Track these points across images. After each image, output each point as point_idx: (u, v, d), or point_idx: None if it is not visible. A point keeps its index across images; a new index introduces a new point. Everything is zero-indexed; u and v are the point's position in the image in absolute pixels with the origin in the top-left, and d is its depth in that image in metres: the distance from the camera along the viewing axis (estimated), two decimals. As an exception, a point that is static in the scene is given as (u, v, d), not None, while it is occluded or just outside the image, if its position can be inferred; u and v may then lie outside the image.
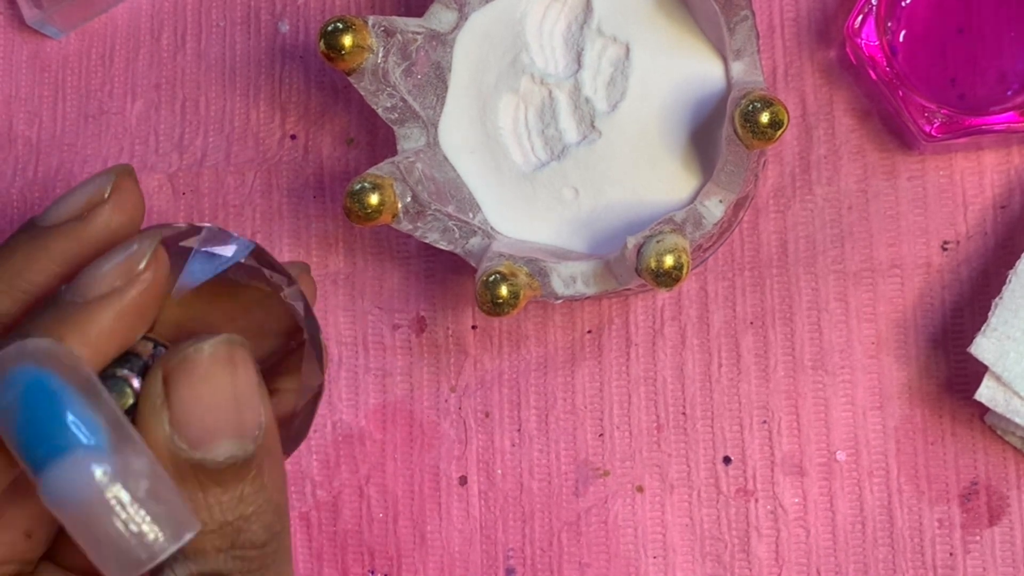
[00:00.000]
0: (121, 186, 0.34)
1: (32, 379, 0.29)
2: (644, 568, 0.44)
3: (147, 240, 0.32)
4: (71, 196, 0.34)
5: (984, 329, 0.40)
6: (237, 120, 0.49)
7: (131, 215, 0.34)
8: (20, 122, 0.50)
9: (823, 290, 0.45)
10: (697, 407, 0.45)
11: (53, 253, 0.33)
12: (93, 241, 0.33)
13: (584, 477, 0.45)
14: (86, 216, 0.33)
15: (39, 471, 0.28)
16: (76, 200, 0.34)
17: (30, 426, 0.29)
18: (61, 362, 0.30)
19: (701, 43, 0.43)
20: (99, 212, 0.33)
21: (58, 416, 0.29)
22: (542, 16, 0.44)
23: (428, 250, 0.47)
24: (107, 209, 0.33)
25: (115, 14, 0.50)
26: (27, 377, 0.29)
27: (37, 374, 0.29)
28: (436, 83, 0.44)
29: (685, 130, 0.42)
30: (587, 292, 0.41)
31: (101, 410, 0.29)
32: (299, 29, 0.49)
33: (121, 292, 0.31)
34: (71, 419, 0.29)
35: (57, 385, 0.29)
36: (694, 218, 0.40)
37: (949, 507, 0.43)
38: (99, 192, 0.33)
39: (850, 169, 0.45)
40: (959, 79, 0.44)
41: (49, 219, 0.33)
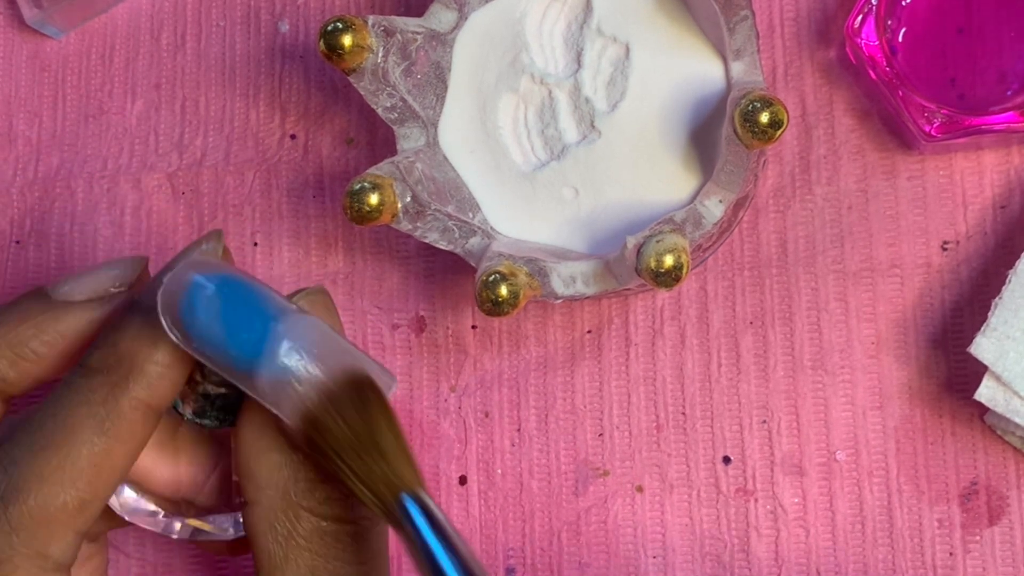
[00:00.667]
0: (143, 278, 0.35)
1: (220, 277, 0.31)
2: (644, 568, 0.44)
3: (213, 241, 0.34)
4: (92, 278, 0.34)
5: (984, 329, 0.40)
6: (237, 120, 0.49)
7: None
8: (20, 122, 0.50)
9: (823, 290, 0.45)
10: (697, 407, 0.45)
11: (65, 329, 0.34)
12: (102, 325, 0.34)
13: (584, 477, 0.45)
14: (104, 300, 0.34)
15: (255, 365, 0.30)
16: (97, 283, 0.34)
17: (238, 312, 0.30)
18: (229, 267, 0.31)
19: (701, 43, 0.43)
20: (116, 298, 0.34)
21: (257, 306, 0.31)
22: (542, 16, 0.44)
23: (428, 250, 0.47)
24: (124, 299, 0.34)
25: (115, 14, 0.50)
26: (214, 277, 0.31)
27: (221, 273, 0.31)
28: (436, 83, 0.44)
29: (685, 130, 0.42)
30: (587, 292, 0.41)
31: (286, 302, 0.31)
32: (299, 29, 0.49)
33: None
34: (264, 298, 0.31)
35: (239, 277, 0.31)
36: (694, 218, 0.40)
37: (949, 507, 0.43)
38: (122, 281, 0.34)
39: (850, 169, 0.45)
40: (959, 79, 0.44)
41: (64, 294, 0.34)
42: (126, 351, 0.32)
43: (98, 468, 0.31)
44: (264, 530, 0.33)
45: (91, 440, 0.31)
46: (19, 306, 0.34)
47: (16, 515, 0.31)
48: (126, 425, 0.32)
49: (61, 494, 0.31)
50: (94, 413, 0.31)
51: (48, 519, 0.31)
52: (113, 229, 0.49)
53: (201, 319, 0.30)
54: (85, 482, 0.31)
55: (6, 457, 0.31)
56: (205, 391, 0.34)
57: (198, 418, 0.35)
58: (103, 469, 0.31)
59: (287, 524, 0.33)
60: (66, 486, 0.31)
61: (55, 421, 0.31)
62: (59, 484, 0.31)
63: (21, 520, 0.31)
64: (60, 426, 0.31)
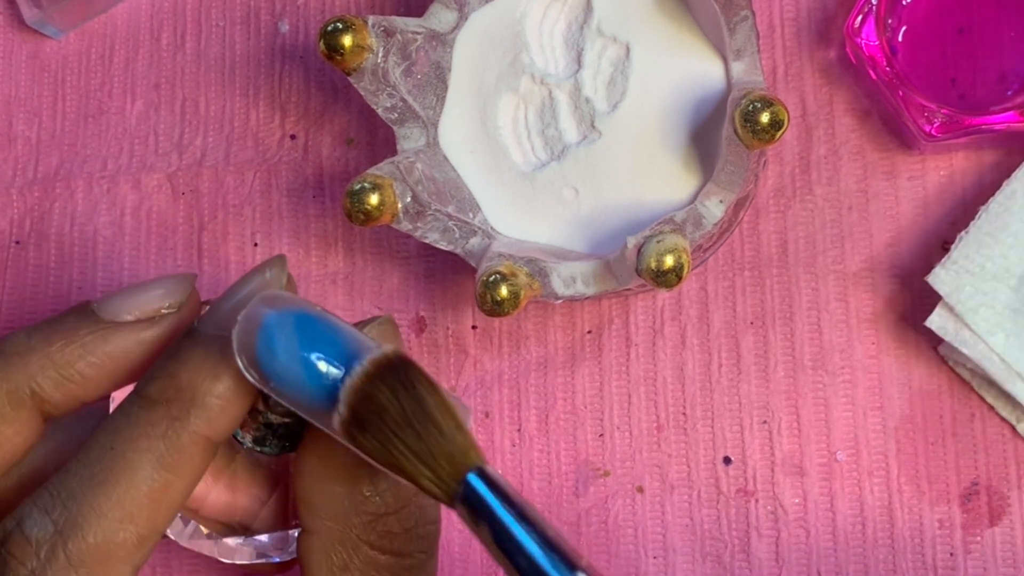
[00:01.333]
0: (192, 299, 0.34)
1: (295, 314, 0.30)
2: (644, 568, 0.44)
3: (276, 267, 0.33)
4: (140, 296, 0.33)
5: (944, 260, 0.41)
6: (237, 120, 0.49)
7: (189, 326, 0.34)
8: (20, 122, 0.50)
9: (823, 290, 0.45)
10: (697, 407, 0.45)
11: (113, 351, 0.33)
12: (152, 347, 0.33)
13: (584, 477, 0.45)
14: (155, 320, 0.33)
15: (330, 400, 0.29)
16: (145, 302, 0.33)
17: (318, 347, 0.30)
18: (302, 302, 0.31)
19: (701, 43, 0.43)
20: (166, 320, 0.33)
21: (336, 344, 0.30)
22: (542, 16, 0.44)
23: (428, 250, 0.47)
24: (174, 319, 0.33)
25: (115, 14, 0.50)
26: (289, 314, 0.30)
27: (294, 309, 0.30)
28: (436, 83, 0.44)
29: (685, 130, 0.42)
30: (587, 292, 0.40)
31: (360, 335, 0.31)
32: (299, 29, 0.49)
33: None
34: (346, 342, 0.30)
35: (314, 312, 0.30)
36: (694, 218, 0.40)
37: (949, 507, 0.43)
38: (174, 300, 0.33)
39: (850, 169, 0.45)
40: (959, 79, 0.44)
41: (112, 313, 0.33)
42: (187, 384, 0.31)
43: (157, 503, 0.31)
44: (319, 559, 0.32)
45: (150, 475, 0.30)
46: (64, 324, 0.33)
47: (76, 551, 0.30)
48: (186, 459, 0.31)
49: (120, 531, 0.30)
50: (153, 447, 0.30)
51: (107, 555, 0.30)
52: (113, 229, 0.49)
53: (279, 360, 0.30)
54: (144, 518, 0.30)
55: (63, 490, 0.30)
56: (268, 420, 0.34)
57: (258, 446, 0.34)
58: (162, 504, 0.31)
59: (343, 555, 0.32)
60: (125, 522, 0.30)
61: (113, 455, 0.30)
62: (118, 520, 0.30)
63: (81, 557, 0.30)
64: (119, 460, 0.30)
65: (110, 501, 0.30)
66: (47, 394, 0.32)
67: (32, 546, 0.30)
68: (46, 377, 0.32)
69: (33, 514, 0.30)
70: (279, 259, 0.33)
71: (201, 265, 0.48)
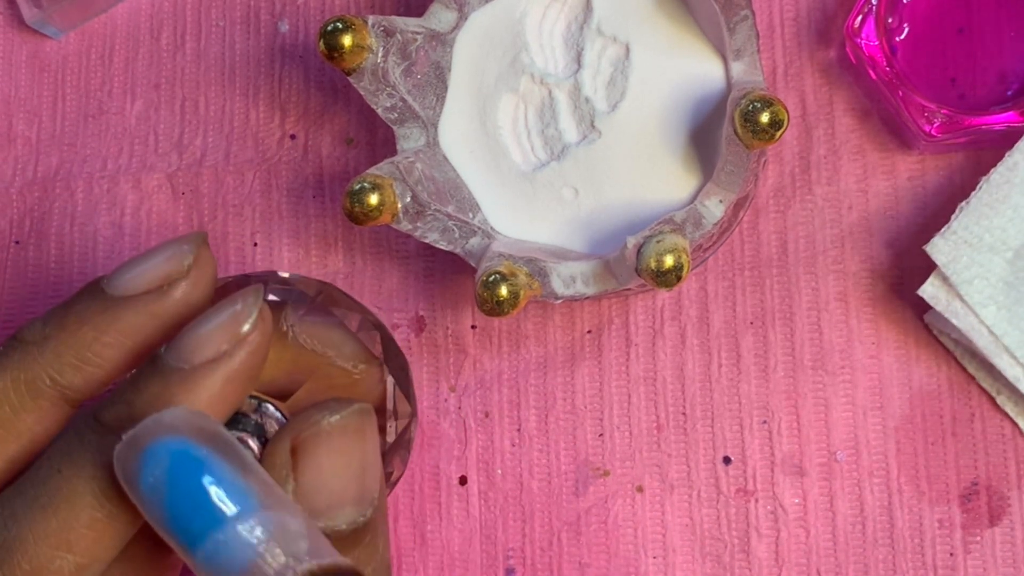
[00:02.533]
0: (200, 258, 0.32)
1: (178, 451, 0.27)
2: (644, 568, 0.44)
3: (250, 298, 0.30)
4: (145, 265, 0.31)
5: (944, 230, 0.41)
6: (237, 120, 0.49)
7: (207, 289, 0.32)
8: (20, 122, 0.50)
9: (823, 290, 0.45)
10: (697, 407, 0.45)
11: (126, 328, 0.31)
12: (169, 317, 0.31)
13: (584, 477, 0.45)
14: (163, 290, 0.31)
15: (195, 546, 0.27)
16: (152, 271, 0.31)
17: (183, 501, 0.27)
18: (203, 430, 0.28)
19: (701, 43, 0.43)
20: (176, 287, 0.31)
21: (211, 487, 0.27)
22: (542, 16, 0.44)
23: (427, 250, 0.47)
24: (186, 285, 0.31)
25: (114, 14, 0.50)
26: (172, 449, 0.27)
27: (182, 446, 0.28)
28: (436, 83, 0.44)
29: (685, 130, 0.42)
30: (587, 292, 0.40)
31: (251, 475, 0.28)
32: (299, 29, 0.49)
33: (229, 356, 0.30)
34: (225, 488, 0.27)
35: (204, 455, 0.28)
36: (694, 218, 0.40)
37: (949, 507, 0.43)
38: (179, 265, 0.31)
39: (850, 169, 0.45)
40: (959, 79, 0.44)
41: (120, 289, 0.31)
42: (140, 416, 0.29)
43: (99, 534, 0.29)
44: None
45: (93, 505, 0.29)
46: (76, 306, 0.31)
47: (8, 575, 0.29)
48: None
49: (56, 558, 0.29)
50: (100, 476, 0.29)
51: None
52: (113, 229, 0.49)
53: (145, 497, 0.28)
54: (83, 548, 0.29)
55: (7, 507, 0.29)
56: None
57: None
58: (104, 534, 0.29)
59: None
60: (63, 550, 0.29)
61: (59, 479, 0.29)
62: (56, 547, 0.29)
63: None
64: (63, 485, 0.29)
65: (48, 527, 0.29)
66: (67, 380, 0.31)
67: None
68: (64, 363, 0.31)
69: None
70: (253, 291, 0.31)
71: (201, 265, 0.48)
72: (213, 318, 0.30)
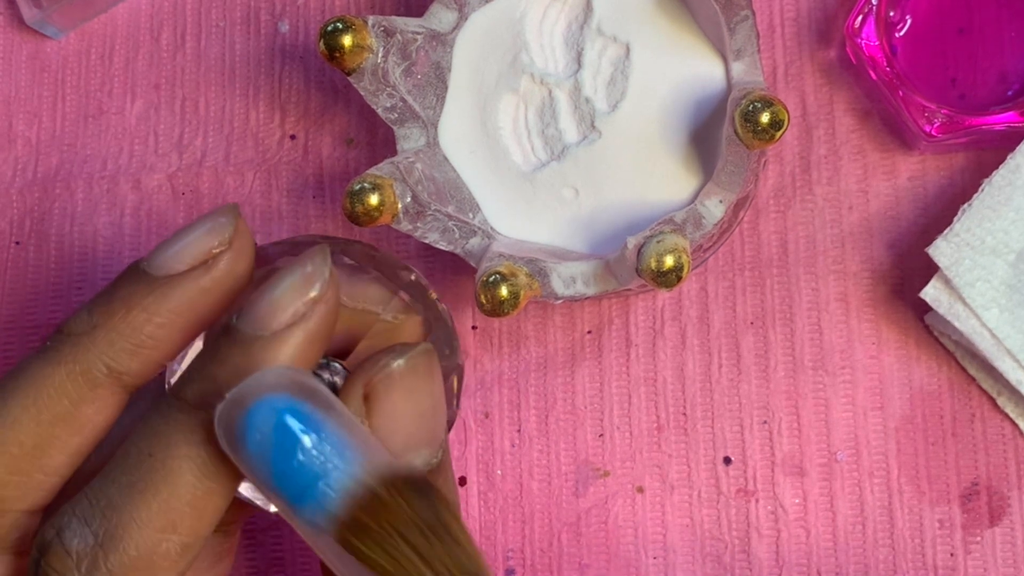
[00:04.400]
0: (239, 229, 0.31)
1: (283, 408, 0.28)
2: (644, 568, 0.44)
3: (318, 258, 0.30)
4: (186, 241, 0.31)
5: (946, 232, 0.41)
6: (237, 120, 0.49)
7: (249, 259, 0.32)
8: (20, 122, 0.50)
9: (823, 290, 0.45)
10: (697, 407, 0.45)
11: (177, 306, 0.31)
12: (217, 290, 0.31)
13: (584, 477, 0.45)
14: (208, 264, 0.31)
15: (301, 501, 0.27)
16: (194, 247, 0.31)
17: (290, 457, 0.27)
18: (303, 385, 0.28)
19: (701, 43, 0.43)
20: (221, 260, 0.31)
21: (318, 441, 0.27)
22: (542, 16, 0.44)
23: (428, 250, 0.47)
24: (229, 257, 0.31)
25: (114, 14, 0.50)
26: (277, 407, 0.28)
27: (287, 402, 0.28)
28: (436, 83, 0.44)
29: (685, 130, 0.42)
30: (587, 292, 0.40)
31: (353, 428, 0.28)
32: (299, 29, 0.49)
33: (307, 318, 0.29)
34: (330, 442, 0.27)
35: (308, 410, 0.28)
36: (694, 218, 0.40)
37: (950, 507, 0.43)
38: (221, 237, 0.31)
39: (850, 169, 0.45)
40: (959, 79, 0.44)
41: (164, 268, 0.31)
42: (226, 387, 0.29)
43: (200, 511, 0.29)
44: None
45: (192, 483, 0.29)
46: (119, 291, 0.31)
47: (117, 564, 0.28)
48: (228, 465, 0.29)
49: (163, 541, 0.29)
50: (195, 455, 0.29)
51: (150, 567, 0.29)
52: (113, 229, 0.49)
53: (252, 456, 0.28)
54: (187, 526, 0.29)
55: (103, 498, 0.29)
56: None
57: None
58: (206, 511, 0.29)
59: None
60: (167, 532, 0.29)
61: (152, 462, 0.29)
62: (160, 530, 0.29)
63: (123, 569, 0.29)
64: (158, 467, 0.29)
65: (151, 511, 0.29)
66: (124, 366, 0.31)
67: (72, 559, 0.29)
68: (118, 350, 0.31)
69: (72, 524, 0.29)
70: (320, 251, 0.31)
71: (201, 265, 0.48)
72: (285, 281, 0.30)
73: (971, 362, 0.43)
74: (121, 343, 0.31)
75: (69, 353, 0.31)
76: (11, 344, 0.49)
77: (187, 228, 0.31)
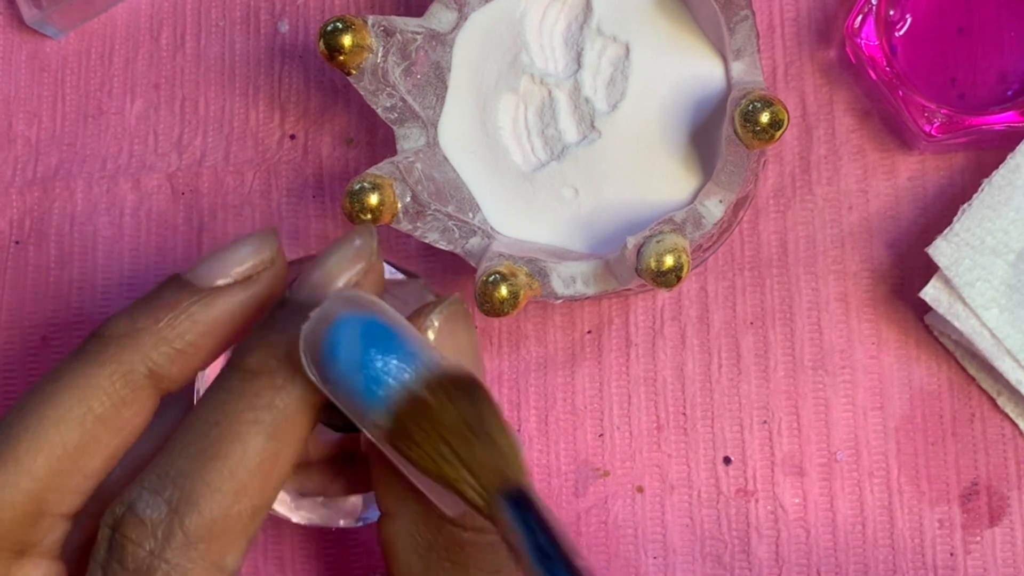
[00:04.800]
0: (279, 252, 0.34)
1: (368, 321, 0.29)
2: (644, 568, 0.44)
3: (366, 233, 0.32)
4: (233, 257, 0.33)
5: (946, 232, 0.41)
6: (236, 120, 0.49)
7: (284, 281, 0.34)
8: (19, 122, 0.50)
9: (823, 290, 0.45)
10: (697, 407, 0.45)
11: (219, 316, 0.33)
12: (255, 306, 0.33)
13: (584, 477, 0.45)
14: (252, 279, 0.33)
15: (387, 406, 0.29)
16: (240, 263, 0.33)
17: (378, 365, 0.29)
18: (379, 305, 0.30)
19: (701, 43, 0.43)
20: (262, 277, 0.33)
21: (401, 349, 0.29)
22: (542, 16, 0.44)
23: (428, 250, 0.47)
24: (271, 274, 0.33)
25: (114, 14, 0.50)
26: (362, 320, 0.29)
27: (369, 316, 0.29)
28: (436, 83, 0.44)
29: (685, 130, 0.42)
30: (587, 292, 0.40)
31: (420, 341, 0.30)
32: (299, 29, 0.49)
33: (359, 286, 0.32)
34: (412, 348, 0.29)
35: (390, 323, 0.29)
36: (694, 218, 0.40)
37: (950, 507, 0.43)
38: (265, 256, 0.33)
39: (850, 169, 0.45)
40: (959, 79, 0.44)
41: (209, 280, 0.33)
42: (287, 352, 0.30)
43: (267, 473, 0.30)
44: (404, 541, 0.32)
45: (260, 446, 0.30)
46: (161, 298, 0.33)
47: (193, 527, 0.30)
48: (293, 427, 0.31)
49: (235, 504, 0.30)
50: (260, 418, 0.30)
51: (225, 529, 0.30)
52: (113, 229, 0.49)
53: (340, 367, 0.29)
54: (257, 489, 0.30)
55: (172, 469, 0.30)
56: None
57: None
58: (272, 474, 0.31)
59: (427, 535, 0.32)
60: (240, 495, 0.30)
61: (219, 429, 0.30)
62: (232, 493, 0.30)
63: (199, 532, 0.30)
64: (226, 433, 0.30)
65: (222, 475, 0.30)
66: (165, 370, 0.32)
67: (148, 527, 0.30)
68: (161, 354, 0.32)
69: (144, 496, 0.30)
70: (367, 228, 0.33)
71: (201, 265, 0.48)
72: (336, 254, 0.32)
73: (971, 362, 0.43)
74: (164, 347, 0.32)
75: (113, 354, 0.32)
76: (11, 344, 0.49)
77: (231, 245, 0.33)
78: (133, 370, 0.32)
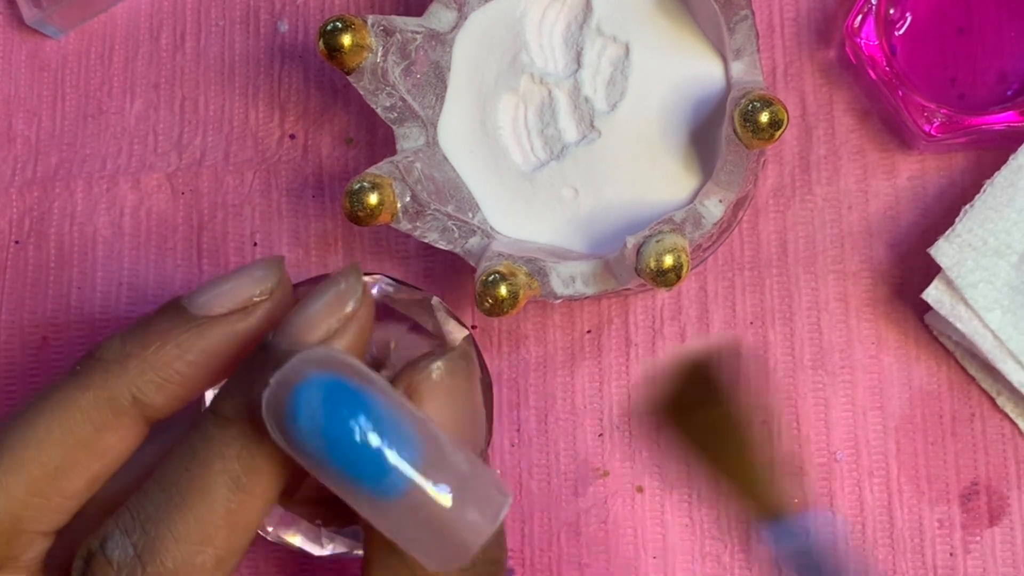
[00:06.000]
0: (282, 281, 0.32)
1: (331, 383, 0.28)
2: (644, 568, 0.44)
3: (352, 276, 0.31)
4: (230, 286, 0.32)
5: (948, 233, 0.41)
6: (236, 120, 0.49)
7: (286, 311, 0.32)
8: (19, 121, 0.50)
9: (823, 290, 0.45)
10: (697, 407, 0.45)
11: (210, 347, 0.32)
12: (250, 337, 0.32)
13: (584, 477, 0.45)
14: (248, 311, 0.32)
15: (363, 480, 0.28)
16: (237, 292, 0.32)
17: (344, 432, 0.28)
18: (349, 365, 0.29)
19: (701, 43, 0.43)
20: (259, 309, 0.32)
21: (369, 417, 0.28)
22: (541, 15, 0.44)
23: (427, 250, 0.47)
24: (267, 307, 0.32)
25: (114, 13, 0.50)
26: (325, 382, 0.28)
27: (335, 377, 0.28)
28: (435, 83, 0.44)
29: (685, 130, 0.42)
30: (586, 292, 0.40)
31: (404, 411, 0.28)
32: (298, 29, 0.49)
33: (340, 334, 0.30)
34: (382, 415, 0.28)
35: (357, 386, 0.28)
36: (694, 218, 0.40)
37: (949, 507, 0.43)
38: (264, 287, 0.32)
39: (850, 169, 0.45)
40: (959, 79, 0.44)
41: (204, 308, 0.32)
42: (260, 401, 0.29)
43: (234, 524, 0.30)
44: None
45: (227, 497, 0.30)
46: (157, 324, 0.32)
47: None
48: (262, 479, 0.30)
49: (198, 554, 0.29)
50: (229, 469, 0.29)
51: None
52: (112, 229, 0.49)
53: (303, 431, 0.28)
54: (221, 539, 0.30)
55: (142, 512, 0.30)
56: None
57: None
58: (239, 525, 0.30)
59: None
60: (203, 545, 0.30)
61: (189, 476, 0.30)
62: (195, 543, 0.29)
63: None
64: (194, 481, 0.30)
65: (187, 525, 0.29)
66: (149, 399, 0.31)
67: (114, 569, 0.29)
68: (146, 382, 0.31)
69: (115, 535, 0.30)
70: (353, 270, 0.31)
71: (201, 265, 0.48)
72: (320, 299, 0.30)
73: (971, 362, 0.43)
74: (150, 375, 0.31)
75: (98, 379, 0.31)
76: (11, 344, 0.49)
77: (233, 273, 0.32)
78: (117, 396, 0.31)
